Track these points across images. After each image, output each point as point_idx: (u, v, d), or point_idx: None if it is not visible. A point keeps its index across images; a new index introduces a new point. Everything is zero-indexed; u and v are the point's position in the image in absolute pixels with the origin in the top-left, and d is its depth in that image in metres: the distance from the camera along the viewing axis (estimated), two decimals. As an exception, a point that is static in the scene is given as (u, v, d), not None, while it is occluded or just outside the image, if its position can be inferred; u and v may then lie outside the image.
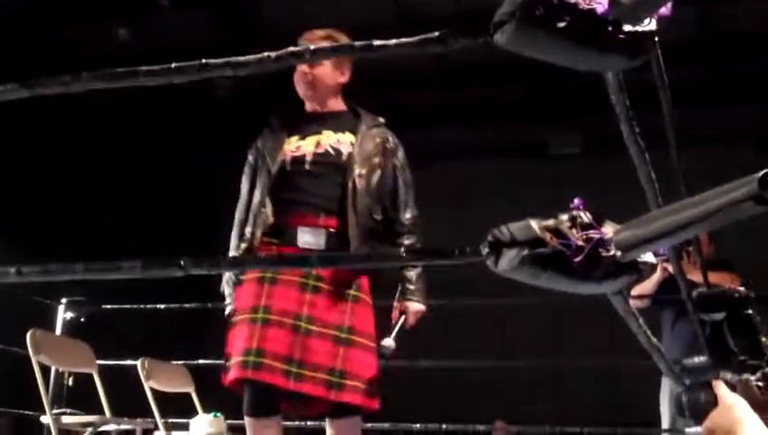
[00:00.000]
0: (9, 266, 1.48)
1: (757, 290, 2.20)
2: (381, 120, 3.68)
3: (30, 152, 8.21)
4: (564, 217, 1.16)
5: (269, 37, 7.19)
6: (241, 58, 1.35)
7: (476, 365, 7.82)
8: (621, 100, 1.49)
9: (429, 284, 3.49)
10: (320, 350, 3.19)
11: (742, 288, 2.14)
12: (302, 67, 3.48)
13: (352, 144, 3.50)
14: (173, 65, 1.40)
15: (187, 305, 5.37)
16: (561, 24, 1.20)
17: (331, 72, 3.54)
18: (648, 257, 1.20)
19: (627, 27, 1.22)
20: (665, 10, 1.23)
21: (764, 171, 0.96)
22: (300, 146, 3.49)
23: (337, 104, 3.65)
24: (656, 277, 5.08)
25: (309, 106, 3.64)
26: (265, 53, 1.37)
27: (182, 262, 1.27)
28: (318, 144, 3.48)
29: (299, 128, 3.57)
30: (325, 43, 3.45)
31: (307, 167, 3.45)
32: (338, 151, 3.47)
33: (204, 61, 1.40)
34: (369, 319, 3.34)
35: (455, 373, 8.43)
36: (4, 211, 7.84)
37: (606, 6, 1.20)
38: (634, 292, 5.10)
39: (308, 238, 3.28)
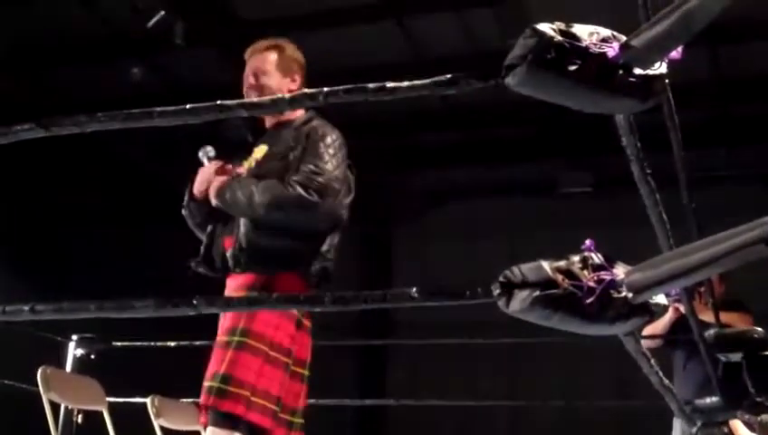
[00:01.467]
0: (22, 304, 1.49)
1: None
2: (312, 112, 3.30)
3: (39, 187, 8.26)
4: (576, 258, 1.16)
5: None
6: (255, 99, 1.36)
7: (485, 404, 7.77)
8: (632, 141, 1.50)
9: (444, 322, 3.42)
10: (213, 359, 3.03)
11: (760, 329, 2.13)
12: (250, 79, 3.30)
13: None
14: (188, 106, 1.41)
15: (197, 343, 5.36)
16: (573, 68, 1.22)
17: (279, 81, 3.28)
18: (660, 299, 1.20)
19: (637, 71, 1.24)
20: (675, 53, 1.24)
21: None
22: (241, 168, 3.35)
23: (291, 114, 3.31)
24: (667, 317, 5.05)
25: (266, 121, 3.42)
26: (279, 95, 1.39)
27: (195, 301, 1.27)
28: (249, 162, 3.34)
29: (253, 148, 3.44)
30: (271, 54, 3.36)
31: None
32: (256, 163, 3.30)
33: (219, 102, 1.41)
34: (267, 320, 3.00)
35: (463, 413, 8.38)
36: (13, 245, 7.88)
37: (617, 50, 1.22)
38: (645, 332, 5.08)
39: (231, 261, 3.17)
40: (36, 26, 7.02)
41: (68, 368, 5.78)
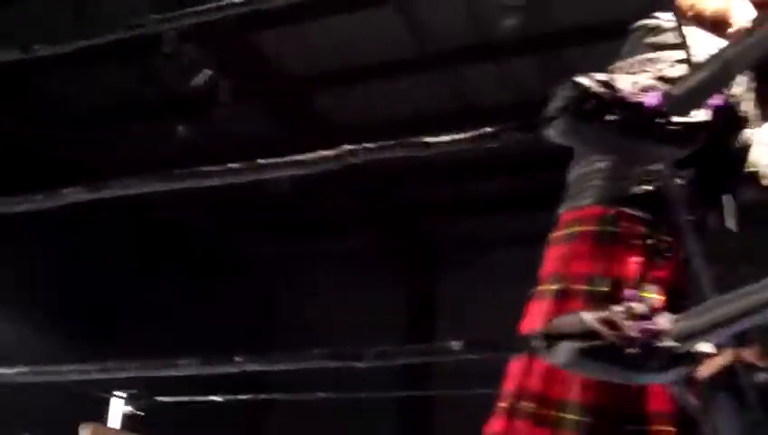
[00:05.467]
0: (69, 365, 1.51)
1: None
2: None
3: (85, 246, 8.37)
4: (619, 308, 1.16)
5: (328, 128, 7.36)
6: (298, 157, 1.38)
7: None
8: (676, 188, 1.49)
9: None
10: None
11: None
12: None
13: None
14: (231, 166, 1.43)
15: (242, 397, 5.35)
16: (612, 118, 1.22)
17: None
18: (705, 347, 1.19)
19: (678, 118, 1.24)
20: (717, 99, 1.24)
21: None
22: None
23: None
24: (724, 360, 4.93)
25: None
26: (323, 152, 1.40)
27: (237, 358, 1.29)
28: None
29: None
30: None
31: None
32: None
33: (261, 161, 1.43)
34: None
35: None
36: (64, 305, 7.98)
37: (657, 99, 1.22)
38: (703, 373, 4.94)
39: None
40: (86, 87, 7.17)
41: (117, 425, 5.80)
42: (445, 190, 8.50)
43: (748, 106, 1.76)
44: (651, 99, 1.21)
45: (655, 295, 1.50)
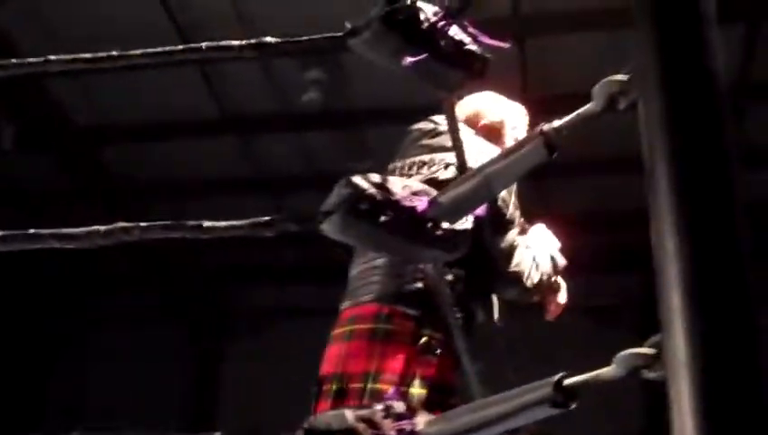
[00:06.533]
0: None
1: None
2: None
3: None
4: (379, 406, 1.19)
5: (115, 184, 7.16)
6: (66, 230, 1.34)
7: None
8: (444, 289, 1.56)
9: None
10: None
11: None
12: None
13: None
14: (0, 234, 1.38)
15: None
16: (384, 219, 1.27)
17: None
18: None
19: (445, 224, 1.31)
20: (480, 210, 1.32)
21: (560, 375, 1.02)
22: None
23: None
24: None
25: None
26: (94, 227, 1.37)
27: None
28: None
29: None
30: None
31: None
32: None
33: (32, 231, 1.38)
34: None
35: None
36: None
37: (426, 204, 1.28)
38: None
39: None
40: None
41: None
42: (237, 257, 8.42)
43: (514, 209, 1.92)
44: (421, 204, 1.27)
45: (419, 393, 1.57)
